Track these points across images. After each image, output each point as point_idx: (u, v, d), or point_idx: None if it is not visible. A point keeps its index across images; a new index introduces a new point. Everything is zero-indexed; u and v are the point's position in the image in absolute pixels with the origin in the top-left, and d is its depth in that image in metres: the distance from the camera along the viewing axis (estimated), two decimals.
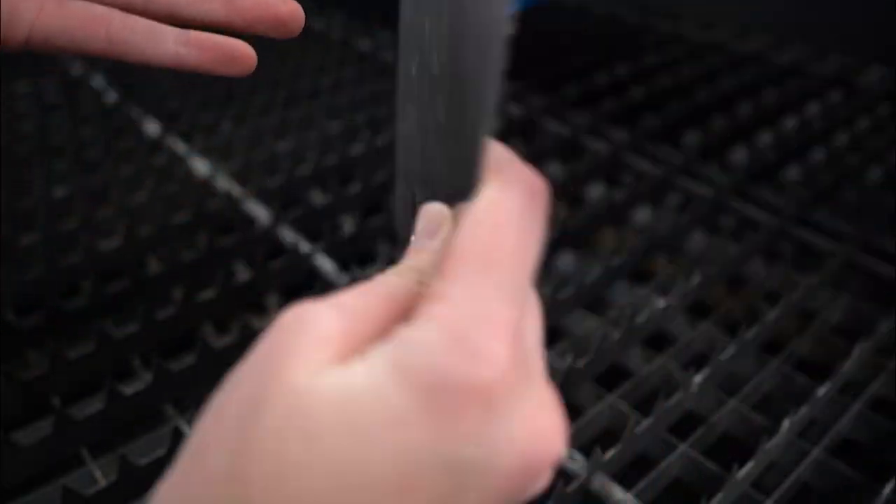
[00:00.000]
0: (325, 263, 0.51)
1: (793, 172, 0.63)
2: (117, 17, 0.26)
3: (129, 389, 0.41)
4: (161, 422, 0.41)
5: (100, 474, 0.38)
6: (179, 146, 0.65)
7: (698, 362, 0.43)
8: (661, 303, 0.47)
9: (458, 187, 0.19)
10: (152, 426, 0.41)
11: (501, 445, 0.16)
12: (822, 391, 0.41)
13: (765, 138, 0.68)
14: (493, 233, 0.17)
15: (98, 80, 0.77)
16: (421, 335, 0.16)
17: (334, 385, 0.15)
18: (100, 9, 0.26)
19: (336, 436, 0.14)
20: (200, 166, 0.62)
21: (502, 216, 0.17)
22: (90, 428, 0.39)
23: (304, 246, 0.52)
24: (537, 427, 0.16)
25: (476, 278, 0.16)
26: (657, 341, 0.47)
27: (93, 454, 0.39)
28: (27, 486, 0.37)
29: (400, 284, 0.18)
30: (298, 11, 0.28)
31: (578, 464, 0.37)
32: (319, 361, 0.15)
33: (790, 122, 0.71)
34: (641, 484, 0.36)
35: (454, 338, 0.15)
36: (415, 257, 0.19)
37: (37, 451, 0.38)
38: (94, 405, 0.40)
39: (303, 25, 0.28)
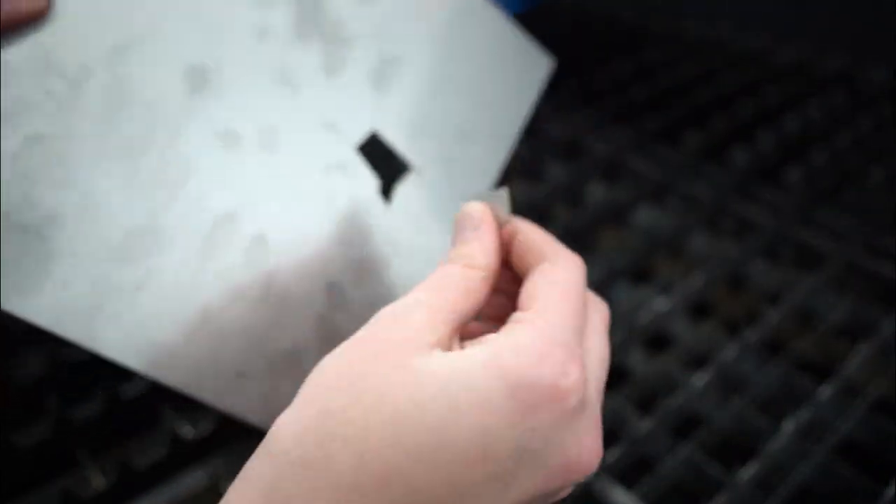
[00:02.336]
0: None
1: (794, 172, 0.62)
2: None
3: (128, 391, 0.40)
4: (160, 424, 0.41)
5: (98, 477, 0.38)
6: None
7: (699, 363, 0.43)
8: (661, 303, 0.47)
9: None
10: (151, 428, 0.41)
11: (555, 448, 0.20)
12: (823, 392, 0.41)
13: (766, 138, 0.68)
14: (568, 287, 0.23)
15: None
16: (516, 340, 0.20)
17: (440, 366, 0.19)
18: None
19: (437, 404, 0.19)
20: None
21: (572, 279, 0.23)
22: (89, 430, 0.39)
23: None
24: (585, 444, 0.21)
25: (559, 311, 0.22)
26: (658, 341, 0.47)
27: (91, 456, 0.39)
28: (25, 489, 0.37)
29: (458, 273, 0.23)
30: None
31: None
32: (420, 346, 0.20)
33: (791, 122, 0.71)
34: (643, 485, 0.36)
35: (544, 349, 0.20)
36: (461, 246, 0.24)
37: (35, 454, 0.38)
38: (92, 407, 0.40)
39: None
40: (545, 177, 0.65)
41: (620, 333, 0.44)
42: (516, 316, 0.22)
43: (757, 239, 0.53)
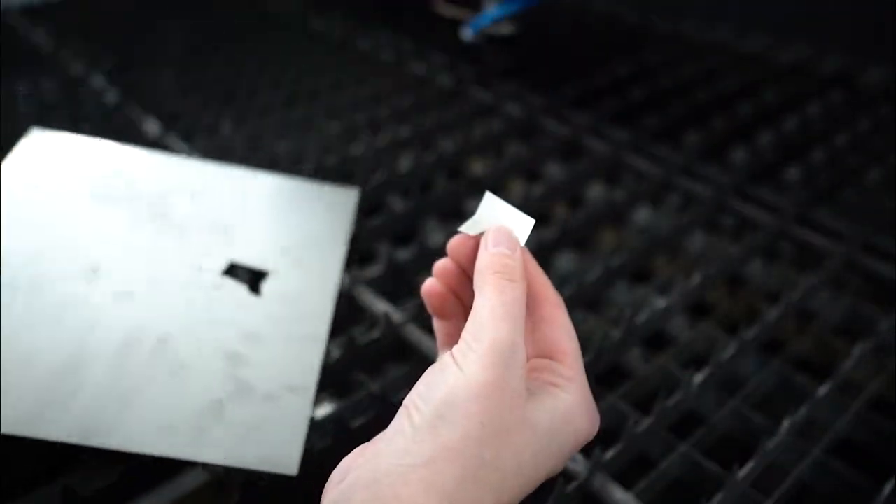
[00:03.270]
0: None
1: (793, 172, 0.63)
2: None
3: None
4: None
5: (99, 475, 0.38)
6: (179, 146, 0.65)
7: (698, 362, 0.43)
8: (661, 303, 0.47)
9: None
10: None
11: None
12: (821, 391, 0.41)
13: (765, 138, 0.68)
14: (575, 333, 0.31)
15: (98, 80, 0.77)
16: (575, 399, 0.28)
17: (540, 421, 0.27)
18: None
19: (542, 454, 0.26)
20: None
21: (571, 322, 0.31)
22: None
23: None
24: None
25: (581, 362, 0.30)
26: (657, 341, 0.47)
27: (93, 454, 0.39)
28: (27, 487, 0.37)
29: (522, 300, 0.28)
30: None
31: (579, 464, 0.37)
32: (524, 393, 0.26)
33: (790, 122, 0.71)
34: (642, 484, 0.36)
35: (591, 409, 0.29)
36: (508, 262, 0.29)
37: (36, 452, 0.38)
38: None
39: None
40: (545, 177, 0.65)
41: (619, 333, 0.44)
42: (559, 369, 0.29)
43: (755, 239, 0.53)
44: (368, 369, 0.44)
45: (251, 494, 0.35)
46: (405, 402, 0.26)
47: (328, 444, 0.37)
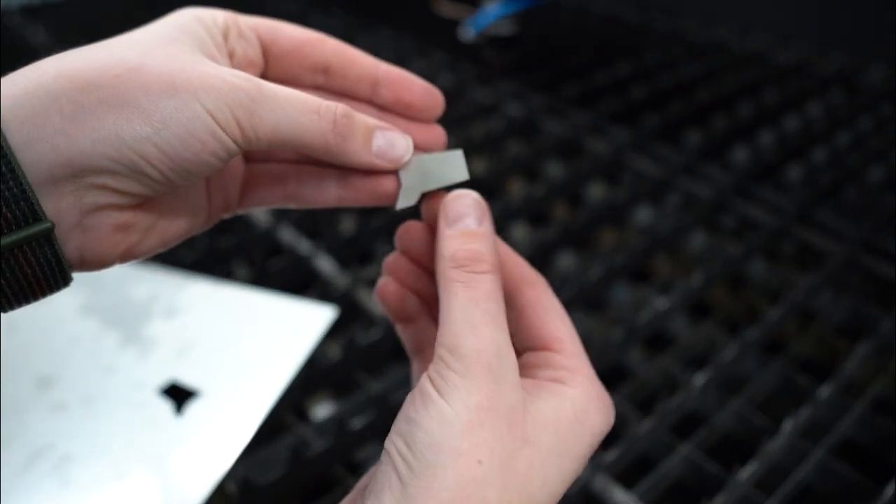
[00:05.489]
0: (325, 263, 0.51)
1: (794, 172, 0.62)
2: (292, 175, 0.29)
3: None
4: None
5: None
6: None
7: (699, 362, 0.43)
8: (661, 303, 0.47)
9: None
10: None
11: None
12: (823, 392, 0.41)
13: (766, 138, 0.68)
14: (567, 317, 0.27)
15: None
16: (586, 394, 0.24)
17: (545, 433, 0.23)
18: (277, 171, 0.29)
19: (552, 473, 0.23)
20: None
21: (560, 304, 0.28)
22: None
23: (304, 246, 0.52)
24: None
25: (581, 347, 0.26)
26: (658, 341, 0.47)
27: None
28: None
29: (496, 286, 0.24)
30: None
31: None
32: (521, 403, 0.23)
33: (791, 122, 0.71)
34: (643, 485, 0.36)
35: (601, 403, 0.24)
36: (474, 245, 0.24)
37: None
38: None
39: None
40: (545, 176, 0.65)
41: (620, 333, 0.44)
42: (558, 360, 0.25)
43: (756, 238, 0.53)
44: (368, 369, 0.44)
45: (250, 494, 0.35)
46: (387, 445, 0.22)
47: (328, 445, 0.37)
